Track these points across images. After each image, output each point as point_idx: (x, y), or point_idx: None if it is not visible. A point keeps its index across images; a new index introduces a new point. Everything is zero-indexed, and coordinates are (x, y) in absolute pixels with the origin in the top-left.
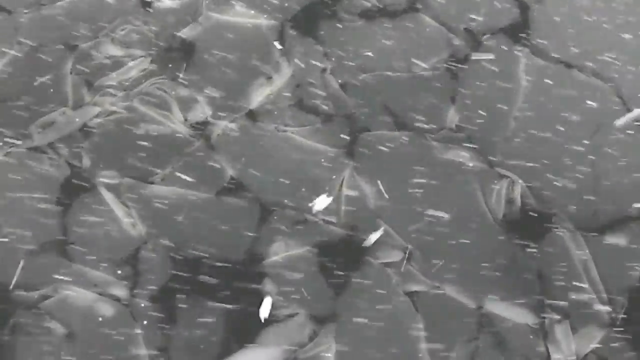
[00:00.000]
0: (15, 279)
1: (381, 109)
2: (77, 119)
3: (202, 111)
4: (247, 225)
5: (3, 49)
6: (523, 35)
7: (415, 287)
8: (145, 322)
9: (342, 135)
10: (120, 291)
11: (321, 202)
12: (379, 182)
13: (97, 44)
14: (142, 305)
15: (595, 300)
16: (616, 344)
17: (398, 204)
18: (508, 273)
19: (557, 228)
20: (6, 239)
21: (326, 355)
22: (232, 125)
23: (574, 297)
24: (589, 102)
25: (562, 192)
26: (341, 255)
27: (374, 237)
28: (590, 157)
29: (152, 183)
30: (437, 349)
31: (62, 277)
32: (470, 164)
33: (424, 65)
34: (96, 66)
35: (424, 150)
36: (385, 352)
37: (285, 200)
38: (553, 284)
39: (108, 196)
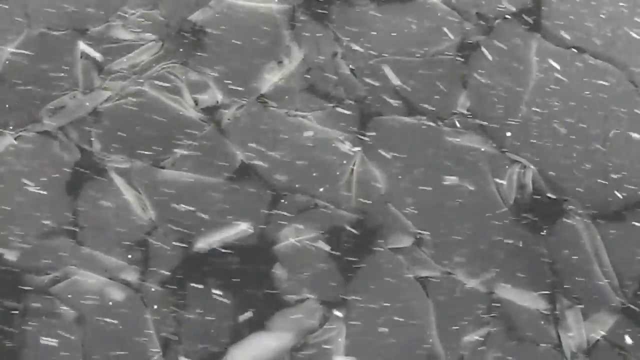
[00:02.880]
0: None
1: (392, 94)
2: (87, 103)
3: (212, 95)
4: (258, 210)
5: (14, 33)
6: (535, 19)
7: (426, 273)
8: (155, 307)
9: (352, 120)
10: (131, 275)
11: None
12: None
13: (108, 28)
14: (153, 289)
15: (606, 286)
16: (627, 330)
17: (408, 189)
18: (519, 258)
19: (568, 213)
20: (17, 223)
21: (336, 340)
22: (243, 110)
23: (585, 283)
24: (601, 87)
25: (574, 177)
26: (351, 240)
27: None
28: (603, 142)
29: (162, 167)
30: (447, 334)
31: (72, 261)
32: (482, 149)
33: (435, 49)
34: (107, 50)
35: (435, 135)
36: (396, 337)
37: (296, 185)
38: (564, 269)
39: (118, 180)
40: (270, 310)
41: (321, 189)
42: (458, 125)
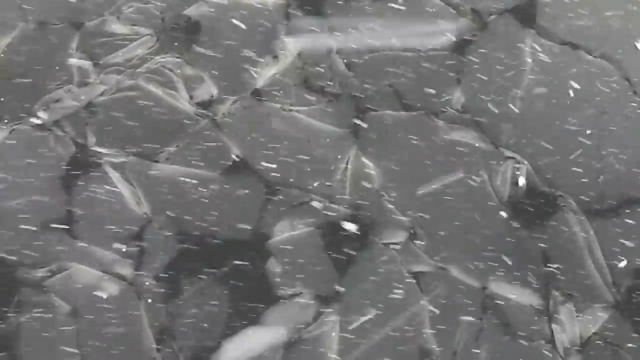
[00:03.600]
0: None
1: (387, 89)
2: (82, 97)
3: (207, 90)
4: (252, 204)
5: (9, 27)
6: (529, 16)
7: (419, 268)
8: (149, 301)
9: (347, 115)
10: (125, 269)
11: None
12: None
13: (103, 22)
14: (147, 283)
15: (599, 282)
16: (620, 326)
17: (403, 184)
18: (513, 254)
19: (562, 209)
20: (11, 217)
21: (330, 335)
22: (238, 104)
23: (578, 278)
24: (595, 83)
25: (567, 173)
26: (346, 235)
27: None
28: (596, 138)
29: (157, 162)
30: (441, 329)
31: (67, 255)
32: (476, 145)
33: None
34: (102, 44)
35: (429, 131)
36: (389, 332)
37: (291, 180)
38: (557, 265)
39: (113, 174)
40: (264, 305)
41: (315, 184)
42: (452, 121)
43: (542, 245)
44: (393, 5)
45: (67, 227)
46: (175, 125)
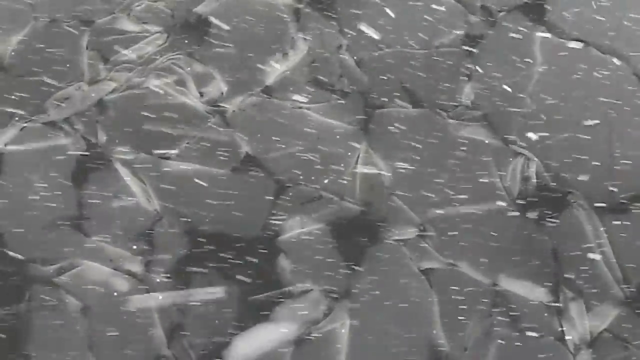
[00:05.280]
0: None
1: (397, 86)
2: (93, 94)
3: (217, 87)
4: (262, 201)
5: (19, 25)
6: (539, 12)
7: (429, 264)
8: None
9: (357, 112)
10: (135, 266)
11: None
12: None
13: (113, 20)
14: (157, 280)
15: (609, 278)
16: (631, 323)
17: (413, 181)
18: (523, 250)
19: (572, 206)
20: (22, 214)
21: (340, 331)
22: (248, 102)
23: (588, 275)
24: (605, 80)
25: (577, 169)
26: (356, 232)
27: None
28: (606, 134)
29: (167, 159)
30: (451, 326)
31: (77, 252)
32: (486, 141)
33: (440, 41)
34: (112, 42)
35: (439, 128)
36: (399, 328)
37: (301, 177)
38: (568, 261)
39: (123, 171)
40: (275, 301)
41: (326, 181)
42: (462, 117)
43: (552, 241)
44: (403, 2)
45: (78, 224)
46: (185, 123)
